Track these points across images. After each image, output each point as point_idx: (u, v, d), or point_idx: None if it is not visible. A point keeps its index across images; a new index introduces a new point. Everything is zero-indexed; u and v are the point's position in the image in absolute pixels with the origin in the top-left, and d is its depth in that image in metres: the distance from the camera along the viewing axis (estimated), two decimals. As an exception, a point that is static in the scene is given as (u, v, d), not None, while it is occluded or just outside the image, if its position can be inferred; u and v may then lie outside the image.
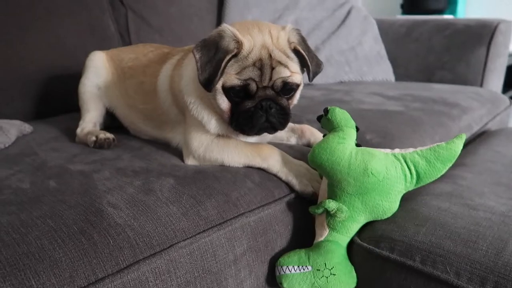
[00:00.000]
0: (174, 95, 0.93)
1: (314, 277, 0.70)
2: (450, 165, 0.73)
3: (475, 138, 1.32)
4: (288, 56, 0.80)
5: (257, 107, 0.79)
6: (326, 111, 0.78)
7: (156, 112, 0.98)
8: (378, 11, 2.89)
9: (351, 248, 0.75)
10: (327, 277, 0.69)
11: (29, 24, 1.33)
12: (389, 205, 0.73)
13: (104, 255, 0.56)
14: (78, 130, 1.04)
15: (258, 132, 0.83)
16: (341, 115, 0.77)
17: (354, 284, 0.72)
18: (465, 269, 0.62)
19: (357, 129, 0.78)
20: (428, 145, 1.09)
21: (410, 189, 0.74)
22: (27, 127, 1.12)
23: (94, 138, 0.96)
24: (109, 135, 0.98)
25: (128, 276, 0.56)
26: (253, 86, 0.78)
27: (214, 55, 0.76)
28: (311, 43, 1.94)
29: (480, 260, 0.62)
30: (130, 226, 0.61)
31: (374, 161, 0.72)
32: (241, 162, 0.83)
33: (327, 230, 0.74)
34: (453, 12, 2.57)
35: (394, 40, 2.09)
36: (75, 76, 1.38)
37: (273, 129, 0.83)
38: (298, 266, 0.71)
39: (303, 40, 0.84)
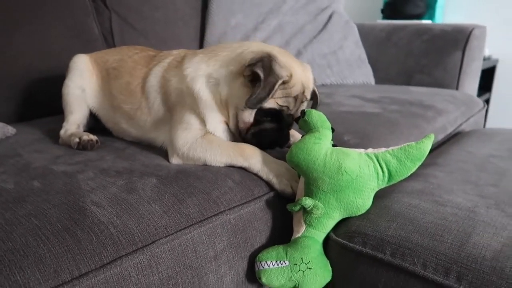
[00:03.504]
0: (165, 94, 0.97)
1: (291, 271, 0.73)
2: (419, 163, 0.77)
3: (449, 139, 1.38)
4: (309, 95, 0.94)
5: (278, 130, 0.91)
6: (303, 113, 0.82)
7: (142, 112, 1.01)
8: (359, 15, 2.95)
9: (327, 244, 0.78)
10: (303, 271, 0.73)
11: (14, 28, 1.34)
12: (363, 202, 0.76)
13: (88, 251, 0.58)
14: (62, 132, 1.06)
15: (267, 148, 0.92)
16: (317, 117, 0.80)
17: (330, 278, 0.76)
18: (431, 261, 0.66)
19: (333, 130, 0.82)
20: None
21: (382, 186, 0.78)
22: (10, 129, 1.13)
23: (77, 140, 0.98)
24: (93, 137, 0.99)
25: (111, 271, 0.58)
26: (285, 113, 0.90)
27: (267, 77, 0.83)
28: (294, 47, 2.00)
29: (445, 252, 0.66)
30: (113, 223, 0.63)
31: (348, 160, 0.75)
32: (223, 161, 0.86)
33: (304, 227, 0.78)
34: (431, 17, 2.64)
35: (375, 44, 2.15)
36: (60, 79, 1.38)
37: (277, 146, 0.95)
38: (276, 261, 0.74)
39: (315, 81, 0.98)
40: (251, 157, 0.86)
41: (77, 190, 0.71)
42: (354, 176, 0.74)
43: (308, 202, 0.75)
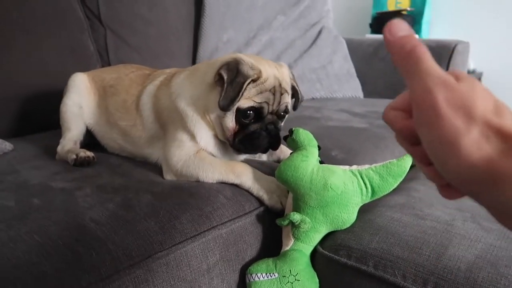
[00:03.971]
0: (157, 112, 1.01)
1: (280, 283, 0.77)
2: (401, 179, 0.82)
3: (433, 152, 1.43)
4: (288, 88, 0.95)
5: (262, 130, 0.91)
6: (291, 132, 0.86)
7: (137, 129, 1.05)
8: (348, 29, 3.03)
9: (314, 256, 0.83)
10: (292, 283, 0.77)
11: (10, 45, 1.37)
12: (348, 217, 0.81)
13: (88, 266, 0.62)
14: (59, 148, 1.09)
15: (259, 151, 0.95)
16: (304, 135, 0.85)
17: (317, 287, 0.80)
18: (410, 272, 0.70)
19: (319, 148, 0.86)
20: (389, 159, 1.20)
21: (366, 201, 0.83)
22: (7, 145, 1.16)
23: (74, 156, 1.01)
24: (89, 153, 1.03)
25: (110, 285, 0.62)
26: (266, 109, 0.90)
27: (235, 78, 0.86)
28: (285, 61, 2.05)
29: (423, 264, 0.70)
30: (111, 239, 0.67)
31: (333, 177, 0.80)
32: (215, 178, 0.90)
33: (292, 240, 0.82)
34: (418, 32, 2.73)
35: (363, 59, 2.21)
36: (55, 95, 1.42)
37: (270, 149, 0.96)
38: (266, 274, 0.78)
39: (294, 77, 1.01)
40: (242, 174, 0.90)
41: (75, 207, 0.75)
42: (339, 192, 0.79)
43: (296, 217, 0.79)
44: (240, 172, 0.90)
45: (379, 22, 2.77)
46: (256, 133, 0.90)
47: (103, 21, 1.67)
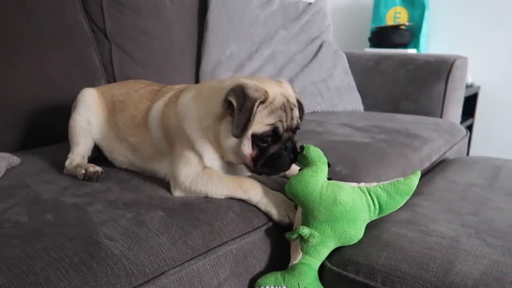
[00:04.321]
0: (165, 129, 1.02)
1: None
2: (408, 198, 0.85)
3: (434, 167, 1.46)
4: (295, 102, 0.96)
5: (282, 149, 0.90)
6: (302, 148, 0.89)
7: (145, 144, 1.06)
8: (347, 43, 3.08)
9: (322, 271, 0.84)
10: None
11: (16, 59, 1.38)
12: (355, 232, 0.83)
13: (104, 283, 0.63)
14: (67, 163, 1.10)
15: (283, 171, 0.94)
16: (314, 152, 0.88)
17: None
18: (418, 288, 0.72)
19: (329, 165, 0.89)
20: (392, 175, 1.22)
21: (373, 218, 0.85)
22: (15, 159, 1.17)
23: (83, 171, 1.03)
24: (98, 168, 1.04)
25: (125, 302, 0.63)
26: (281, 128, 0.90)
27: (243, 103, 0.86)
28: (286, 75, 2.09)
29: (430, 280, 0.72)
30: (126, 256, 0.68)
31: (342, 192, 0.82)
32: (224, 193, 0.92)
33: (301, 254, 0.83)
34: (416, 46, 2.78)
35: (363, 73, 2.25)
36: (61, 108, 1.44)
37: (290, 165, 0.94)
38: (274, 286, 0.79)
39: (294, 90, 1.02)
40: (250, 190, 0.92)
41: (89, 223, 0.76)
42: (348, 208, 0.81)
43: (305, 231, 0.81)
44: (248, 187, 0.92)
45: (378, 36, 2.81)
46: (276, 154, 0.90)
47: (109, 35, 1.70)
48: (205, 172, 0.94)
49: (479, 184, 1.17)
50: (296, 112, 0.95)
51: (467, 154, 2.24)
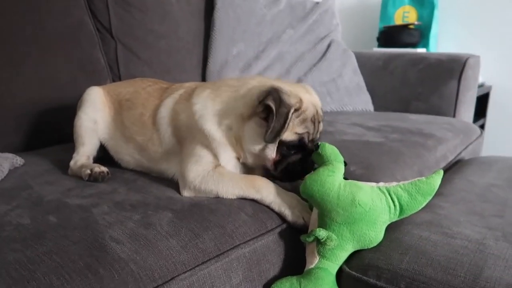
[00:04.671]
0: (175, 127, 0.99)
1: None
2: (430, 198, 0.80)
3: (450, 167, 1.41)
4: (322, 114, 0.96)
5: (303, 159, 0.90)
6: (317, 146, 0.85)
7: (153, 143, 1.03)
8: (355, 43, 3.03)
9: (340, 277, 0.79)
10: None
11: (21, 60, 1.36)
12: (375, 235, 0.78)
13: (110, 289, 0.59)
14: (72, 163, 1.07)
15: (298, 179, 0.92)
16: (330, 150, 0.83)
17: None
18: (446, 295, 0.67)
19: (345, 164, 0.84)
20: (408, 175, 1.17)
21: (393, 220, 0.80)
22: (18, 160, 1.14)
23: (88, 172, 0.99)
24: (104, 168, 1.00)
25: (133, 309, 0.59)
26: (306, 140, 0.89)
27: (278, 108, 0.84)
28: (295, 75, 2.05)
29: (459, 286, 0.67)
30: (133, 260, 0.64)
31: (361, 193, 0.78)
32: (236, 193, 0.88)
33: (317, 258, 0.79)
34: (425, 45, 2.73)
35: (372, 72, 2.20)
36: (66, 108, 1.41)
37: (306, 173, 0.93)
38: None
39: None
40: (263, 189, 0.87)
41: (94, 225, 0.72)
42: (367, 209, 0.76)
43: (322, 233, 0.76)
44: (261, 186, 0.88)
45: (387, 36, 2.76)
46: (297, 162, 0.90)
47: (114, 34, 1.67)
48: (216, 171, 0.90)
49: (498, 185, 1.12)
50: (321, 126, 0.94)
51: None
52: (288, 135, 0.87)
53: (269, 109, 0.85)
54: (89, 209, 0.79)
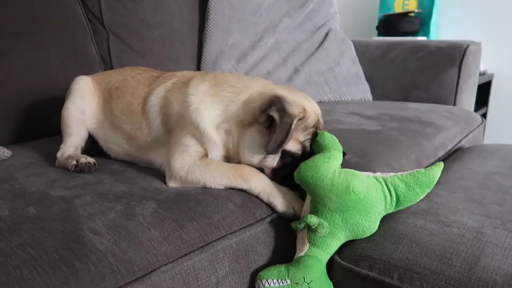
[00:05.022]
0: (165, 115, 0.96)
1: None
2: (428, 191, 0.78)
3: (450, 155, 1.37)
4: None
5: None
6: (316, 134, 0.83)
7: (142, 132, 1.00)
8: (355, 32, 2.98)
9: (331, 267, 0.76)
10: None
11: (10, 50, 1.33)
12: (369, 225, 0.75)
13: (85, 282, 0.56)
14: (59, 154, 1.04)
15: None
16: (329, 138, 0.82)
17: None
18: (440, 285, 0.64)
19: (344, 154, 0.83)
20: (405, 164, 1.14)
21: (389, 211, 0.77)
22: (5, 152, 1.11)
23: (74, 162, 0.96)
24: (90, 159, 0.98)
25: (110, 303, 0.56)
26: (308, 148, 0.86)
27: (282, 118, 0.81)
28: (291, 65, 2.01)
29: (454, 276, 0.64)
30: (112, 252, 0.61)
31: (356, 181, 0.75)
32: (223, 183, 0.85)
33: (308, 245, 0.76)
34: (426, 34, 2.67)
35: (371, 61, 2.16)
36: (57, 100, 1.37)
37: None
38: (278, 280, 0.72)
39: None
40: (251, 179, 0.84)
41: (74, 216, 0.69)
42: (362, 197, 0.73)
43: (313, 219, 0.73)
44: (249, 176, 0.85)
45: (386, 24, 2.71)
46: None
47: (106, 25, 1.63)
48: (202, 161, 0.87)
49: (500, 173, 1.08)
50: None
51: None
52: (291, 145, 0.84)
53: (271, 119, 0.82)
54: (71, 200, 0.77)
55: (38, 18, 1.41)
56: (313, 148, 0.84)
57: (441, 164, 0.79)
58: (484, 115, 2.72)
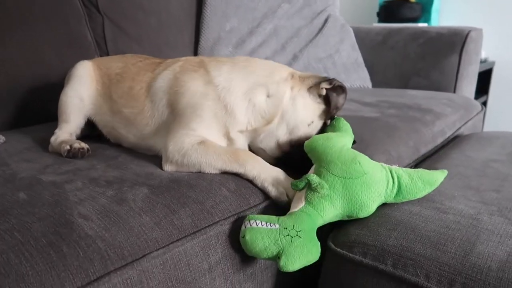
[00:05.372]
0: (175, 95, 0.94)
1: (279, 234, 0.68)
2: (430, 189, 0.79)
3: (448, 142, 1.36)
4: None
5: None
6: (333, 119, 0.89)
7: (143, 116, 0.98)
8: (355, 19, 2.95)
9: (325, 254, 0.75)
10: (292, 237, 0.68)
11: (3, 36, 1.31)
12: (367, 201, 0.73)
13: (74, 267, 0.55)
14: (52, 139, 1.03)
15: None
16: (344, 123, 0.88)
17: (317, 257, 0.69)
18: (434, 272, 0.63)
19: (354, 141, 0.86)
20: (403, 151, 1.13)
21: (389, 198, 0.76)
22: (-1, 138, 1.10)
23: (68, 147, 0.95)
24: (84, 145, 0.96)
25: (99, 288, 0.55)
26: None
27: (339, 94, 0.92)
28: (290, 51, 1.98)
29: (449, 263, 0.63)
30: (101, 237, 0.60)
31: (363, 157, 0.78)
32: (218, 167, 0.84)
33: (304, 203, 0.73)
34: (427, 20, 2.64)
35: (371, 48, 2.13)
36: (52, 86, 1.36)
37: None
38: (266, 223, 0.70)
39: None
40: (247, 163, 0.83)
41: (64, 202, 0.68)
42: (366, 171, 0.74)
43: (314, 178, 0.73)
44: (245, 160, 0.84)
45: (387, 11, 2.68)
46: None
47: (101, 9, 1.60)
48: (201, 144, 0.86)
49: (499, 160, 1.07)
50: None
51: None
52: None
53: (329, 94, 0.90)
54: (62, 185, 0.76)
55: (31, 2, 1.39)
56: (327, 130, 0.88)
57: (445, 172, 0.82)
58: (484, 103, 2.70)
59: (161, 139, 0.95)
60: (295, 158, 0.88)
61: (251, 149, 0.94)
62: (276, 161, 0.90)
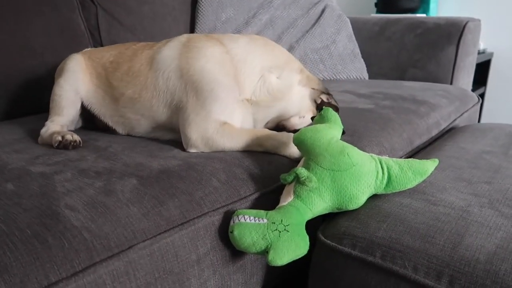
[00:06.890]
0: (184, 60, 0.94)
1: (267, 228, 0.68)
2: (421, 179, 0.78)
3: (443, 134, 1.35)
4: None
5: None
6: (321, 109, 0.87)
7: (146, 90, 0.97)
8: (352, 9, 2.92)
9: (314, 247, 0.75)
10: (280, 231, 0.68)
11: (-7, 23, 1.29)
12: (356, 193, 0.73)
13: (59, 258, 0.55)
14: (43, 130, 1.02)
15: None
16: (333, 114, 0.86)
17: (305, 251, 0.69)
18: (422, 264, 0.63)
19: (343, 132, 0.87)
20: (396, 143, 1.12)
21: (379, 189, 0.76)
22: (-11, 129, 1.09)
23: (59, 138, 0.94)
24: (76, 137, 0.96)
25: (84, 279, 0.55)
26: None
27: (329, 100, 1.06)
28: (286, 41, 1.96)
29: (437, 255, 0.63)
30: (87, 228, 0.60)
31: (352, 149, 0.77)
32: (240, 146, 0.90)
33: (292, 197, 0.73)
34: (426, 11, 2.61)
35: (368, 39, 2.11)
36: (44, 76, 1.35)
37: None
38: (255, 218, 0.70)
39: None
40: (265, 142, 0.90)
41: (51, 193, 0.68)
42: (355, 163, 0.74)
43: (303, 171, 0.73)
44: (264, 140, 0.90)
45: (385, 1, 2.65)
46: None
47: (94, -2, 1.59)
48: (223, 128, 0.90)
49: (492, 152, 1.06)
50: None
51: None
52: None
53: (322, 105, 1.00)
54: (51, 176, 0.75)
55: (24, -9, 1.37)
56: (316, 122, 0.88)
57: (436, 160, 0.81)
58: (482, 94, 2.69)
59: (171, 110, 0.95)
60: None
61: None
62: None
